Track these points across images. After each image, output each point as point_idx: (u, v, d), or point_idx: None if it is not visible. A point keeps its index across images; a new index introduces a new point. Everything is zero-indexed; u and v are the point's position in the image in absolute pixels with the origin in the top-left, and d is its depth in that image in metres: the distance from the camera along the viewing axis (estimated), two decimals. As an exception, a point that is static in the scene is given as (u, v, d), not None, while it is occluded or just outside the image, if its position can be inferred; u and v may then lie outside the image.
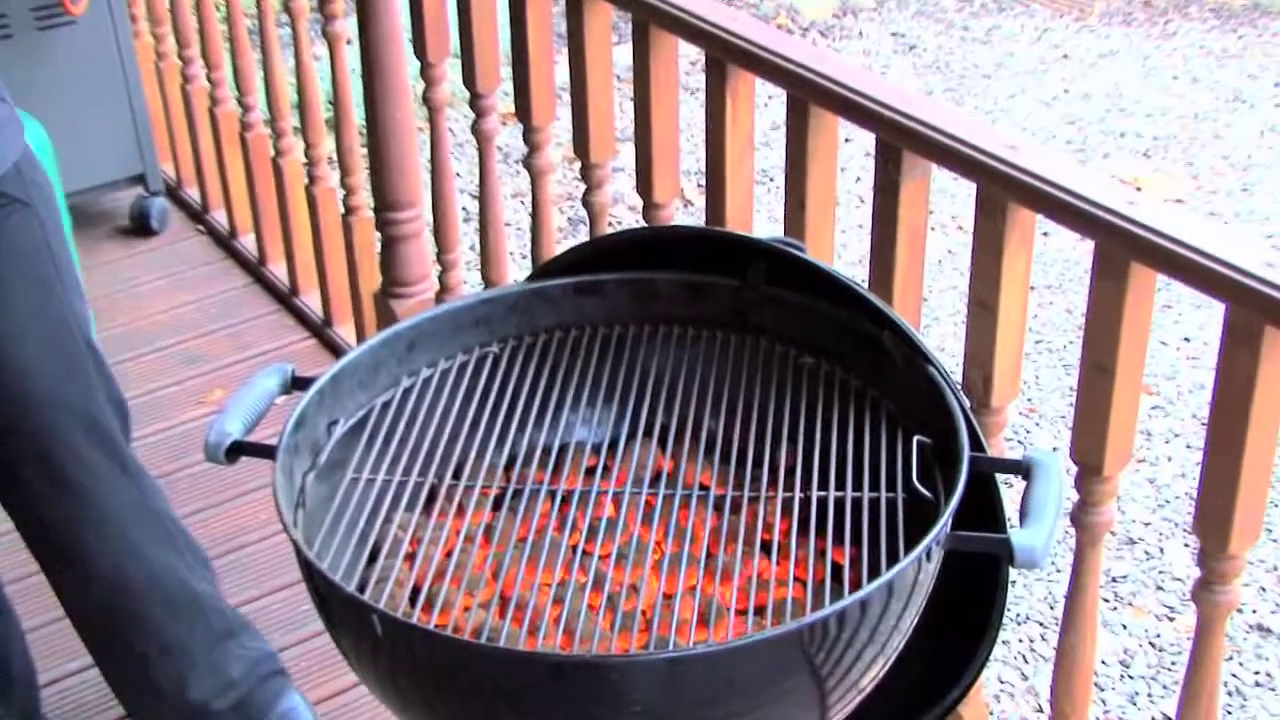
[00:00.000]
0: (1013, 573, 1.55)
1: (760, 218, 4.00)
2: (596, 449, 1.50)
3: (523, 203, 4.28)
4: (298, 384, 1.41)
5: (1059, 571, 2.92)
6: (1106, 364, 1.55)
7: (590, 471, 1.46)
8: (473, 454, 1.41)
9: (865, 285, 1.65)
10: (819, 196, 1.83)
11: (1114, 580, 2.97)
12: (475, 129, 2.50)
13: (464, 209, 4.02)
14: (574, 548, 1.34)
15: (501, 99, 2.51)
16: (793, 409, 1.43)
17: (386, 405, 1.43)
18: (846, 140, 4.31)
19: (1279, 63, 5.28)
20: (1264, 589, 2.94)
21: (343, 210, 2.95)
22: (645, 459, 1.44)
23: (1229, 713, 2.67)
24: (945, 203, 4.25)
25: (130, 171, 3.44)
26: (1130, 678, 2.75)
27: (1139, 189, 4.13)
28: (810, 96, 1.76)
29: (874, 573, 1.19)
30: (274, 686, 2.11)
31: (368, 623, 1.16)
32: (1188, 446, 3.34)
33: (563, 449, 1.49)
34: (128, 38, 3.31)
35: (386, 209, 2.76)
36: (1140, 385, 1.60)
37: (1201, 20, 5.61)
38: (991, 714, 2.63)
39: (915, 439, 1.32)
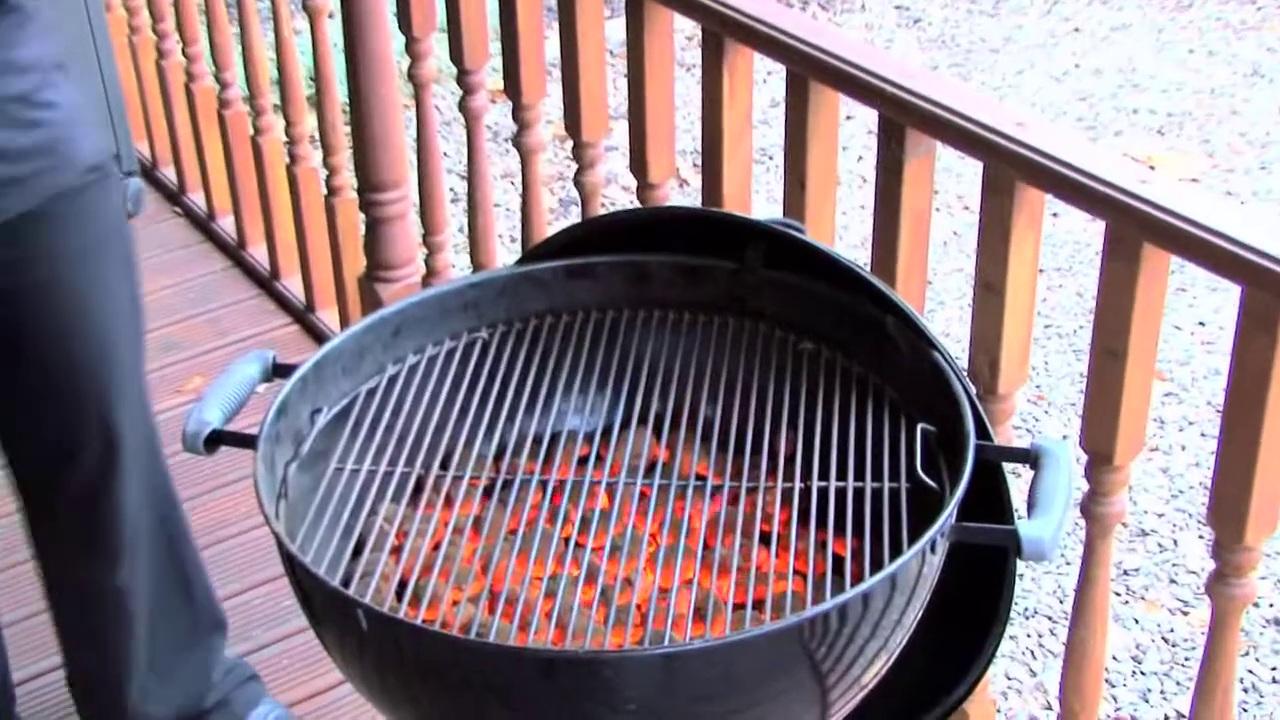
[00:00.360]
0: (1020, 565, 1.56)
1: (759, 198, 4.00)
2: (589, 438, 1.51)
3: (512, 183, 4.27)
4: (279, 371, 1.41)
5: (1068, 564, 2.93)
6: (1118, 349, 1.56)
7: (583, 461, 1.46)
8: (461, 443, 1.41)
9: (867, 268, 1.65)
10: (819, 176, 1.83)
11: (1125, 573, 2.98)
12: (463, 106, 2.50)
13: (451, 189, 4.02)
14: (566, 540, 1.34)
15: (490, 75, 2.51)
16: (792, 396, 1.43)
17: (371, 393, 1.43)
18: (848, 118, 4.31)
19: (1299, 36, 5.28)
20: (1281, 582, 2.96)
21: (325, 191, 2.95)
22: (639, 448, 1.45)
23: (1245, 709, 2.68)
24: (951, 182, 4.25)
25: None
26: (1142, 674, 2.76)
27: (1152, 167, 4.13)
28: (810, 72, 1.76)
29: (876, 565, 1.19)
30: (252, 691, 2.13)
31: (353, 618, 1.16)
32: (1202, 435, 3.35)
33: (554, 438, 1.50)
34: (99, 11, 3.30)
35: (371, 190, 2.76)
36: (1153, 371, 1.61)
37: (1218, -9, 5.60)
38: (998, 711, 2.64)
39: (919, 427, 1.33)
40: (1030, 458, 1.29)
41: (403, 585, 1.30)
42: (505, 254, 3.67)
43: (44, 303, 1.73)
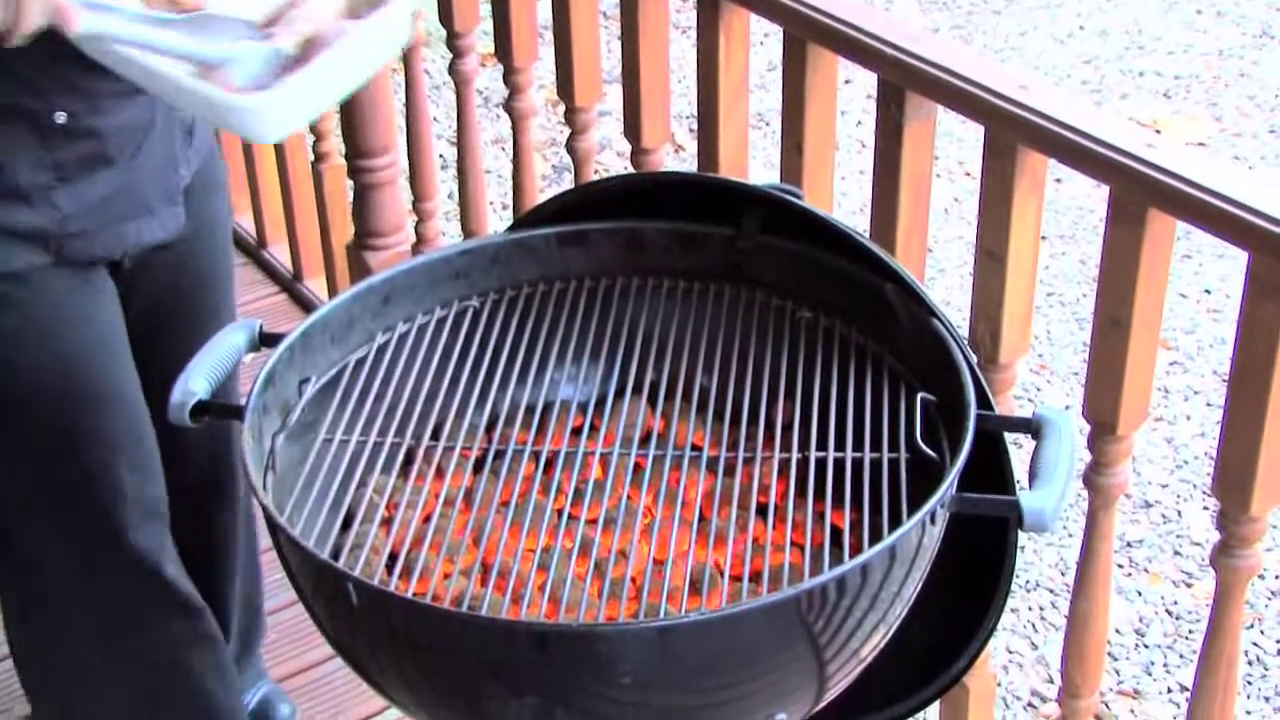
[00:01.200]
0: (1022, 537, 1.56)
1: (755, 164, 3.99)
2: (582, 408, 1.51)
3: (504, 149, 4.26)
4: (266, 341, 1.41)
5: (1071, 536, 2.94)
6: (1122, 317, 1.56)
7: (576, 431, 1.47)
8: (452, 413, 1.42)
9: (867, 235, 1.65)
10: (817, 140, 1.83)
11: (1129, 545, 2.99)
12: (453, 70, 2.49)
13: (441, 155, 4.01)
14: (559, 512, 1.34)
15: (481, 38, 2.50)
16: (790, 365, 1.43)
17: (361, 363, 1.43)
18: (846, 81, 4.30)
19: (1309, -4, 5.27)
20: (1287, 554, 2.97)
21: (312, 157, 2.95)
22: (634, 418, 1.45)
23: (1249, 682, 2.69)
24: (952, 147, 4.25)
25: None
26: (1145, 647, 2.77)
27: (1158, 131, 4.12)
28: (808, 34, 1.75)
29: (875, 537, 1.19)
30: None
31: (343, 592, 1.16)
32: (1208, 404, 3.36)
33: (547, 408, 1.50)
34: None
35: (359, 156, 2.76)
36: (1157, 339, 1.61)
37: (1226, -50, 5.59)
38: (999, 685, 2.65)
39: (919, 396, 1.33)
40: (1032, 427, 1.29)
41: (393, 558, 1.30)
42: (496, 221, 3.67)
43: (208, 249, 1.81)
